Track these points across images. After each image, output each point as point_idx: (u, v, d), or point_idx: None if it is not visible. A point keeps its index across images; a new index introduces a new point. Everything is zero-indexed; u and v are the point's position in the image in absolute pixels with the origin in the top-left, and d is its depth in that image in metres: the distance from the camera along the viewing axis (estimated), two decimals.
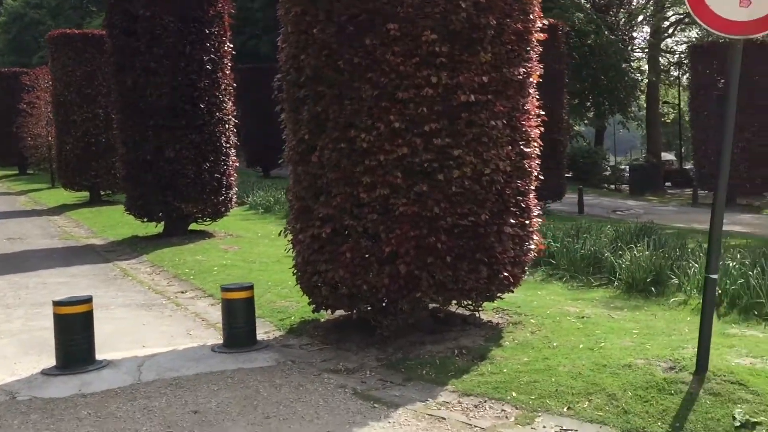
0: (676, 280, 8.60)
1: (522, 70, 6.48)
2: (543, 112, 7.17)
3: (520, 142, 6.53)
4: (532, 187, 6.90)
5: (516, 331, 6.82)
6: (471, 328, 6.96)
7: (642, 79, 41.95)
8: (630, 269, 9.00)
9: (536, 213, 6.97)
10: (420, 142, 6.05)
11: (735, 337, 6.64)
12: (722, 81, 21.13)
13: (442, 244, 6.10)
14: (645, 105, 43.26)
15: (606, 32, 36.44)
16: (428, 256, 6.11)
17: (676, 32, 43.93)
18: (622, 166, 48.20)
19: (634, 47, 44.26)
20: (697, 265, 8.65)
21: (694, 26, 39.94)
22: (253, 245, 12.74)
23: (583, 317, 7.43)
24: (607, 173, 35.22)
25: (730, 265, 8.29)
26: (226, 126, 13.56)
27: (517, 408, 5.16)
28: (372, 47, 6.07)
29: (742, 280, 7.74)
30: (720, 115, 18.57)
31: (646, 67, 42.73)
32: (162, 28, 12.78)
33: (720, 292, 7.81)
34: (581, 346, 6.25)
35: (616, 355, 5.89)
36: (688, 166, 35.14)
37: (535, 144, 6.85)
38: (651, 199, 24.02)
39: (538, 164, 7.05)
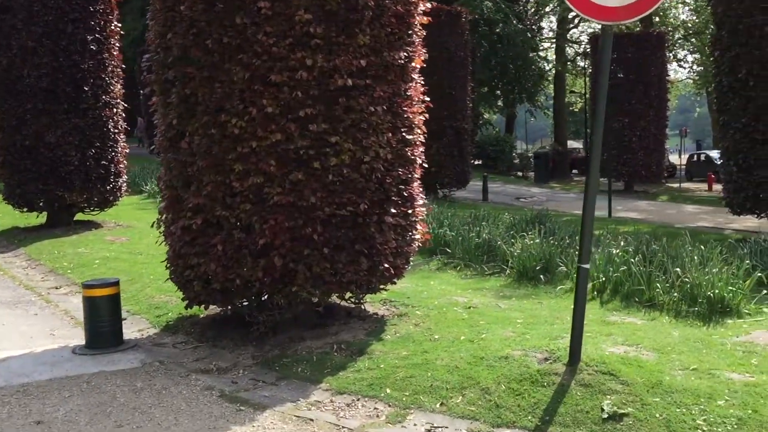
0: (564, 268, 8.65)
1: (403, 54, 6.26)
2: (428, 99, 6.98)
3: (402, 129, 6.32)
4: (416, 176, 6.71)
5: (400, 324, 6.65)
6: (355, 321, 6.75)
7: (549, 69, 42.90)
8: (521, 257, 9.01)
9: (420, 202, 6.79)
10: (295, 128, 5.75)
11: (614, 324, 6.68)
12: (621, 70, 21.76)
13: (319, 236, 5.83)
14: (553, 94, 44.27)
15: (514, 21, 37.02)
16: (305, 247, 5.83)
17: (581, 22, 45.04)
18: (530, 154, 49.38)
19: (543, 37, 45.23)
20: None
21: None
22: (143, 236, 12.10)
23: (470, 307, 7.34)
24: (516, 161, 35.86)
25: (614, 252, 8.38)
26: (114, 110, 12.81)
27: (390, 406, 4.97)
28: (243, 26, 5.71)
29: (625, 267, 7.84)
30: (615, 103, 18.88)
31: (554, 56, 43.76)
32: (41, 4, 11.90)
33: (604, 279, 7.90)
34: (462, 338, 6.13)
35: (495, 346, 5.79)
36: None
37: (419, 131, 6.66)
38: (555, 187, 24.59)
39: (422, 152, 6.87)
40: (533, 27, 41.95)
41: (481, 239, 10.15)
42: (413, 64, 6.45)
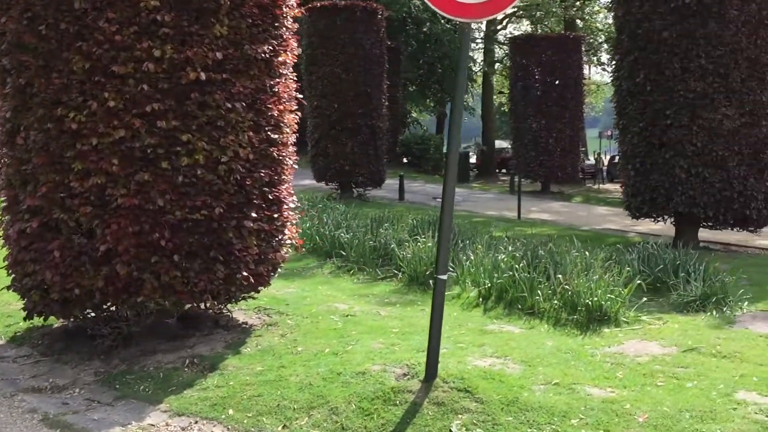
0: (454, 273, 8.41)
1: (268, 47, 5.86)
2: (301, 95, 6.58)
3: (267, 128, 5.92)
4: (285, 177, 6.31)
5: (266, 335, 6.26)
6: (219, 332, 6.32)
7: (478, 70, 43.14)
8: (412, 262, 8.74)
9: (291, 205, 6.40)
10: (141, 124, 5.28)
11: (490, 334, 6.47)
12: (538, 72, 21.91)
13: (168, 242, 5.38)
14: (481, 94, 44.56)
15: (442, 21, 37.07)
16: (152, 254, 5.37)
17: (509, 24, 45.49)
18: None
19: (474, 38, 45.45)
20: (473, 257, 8.51)
21: (525, 19, 41.64)
22: None
23: (348, 315, 7.02)
24: (443, 161, 35.88)
25: (500, 257, 8.19)
26: None
27: (229, 429, 4.57)
28: (82, 12, 5.20)
29: (510, 273, 7.65)
30: (533, 105, 18.97)
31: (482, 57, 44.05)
32: None
33: (489, 285, 7.70)
34: (327, 350, 5.79)
35: (357, 360, 5.47)
36: None
37: (288, 130, 6.26)
38: (474, 187, 24.63)
39: (294, 151, 6.48)
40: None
41: (377, 242, 9.85)
42: (280, 58, 6.05)
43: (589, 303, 6.84)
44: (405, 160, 32.70)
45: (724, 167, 10.47)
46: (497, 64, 42.79)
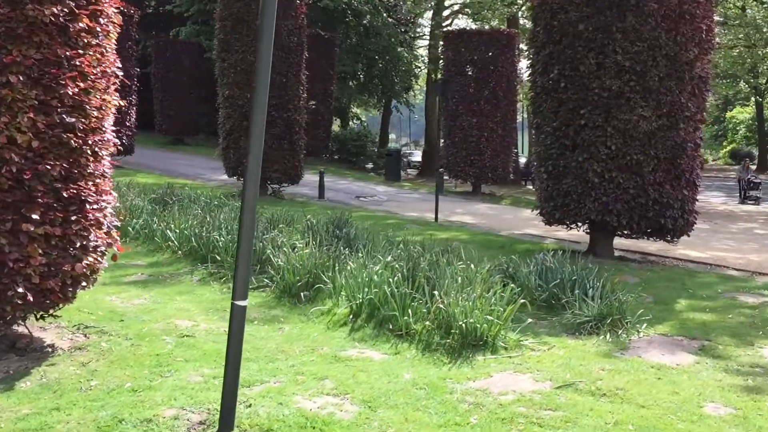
0: (331, 285, 7.40)
1: (61, 9, 4.74)
2: (121, 74, 5.47)
3: (60, 108, 4.80)
4: (93, 171, 5.20)
5: (63, 362, 5.15)
6: (9, 357, 5.19)
7: (422, 68, 42.31)
8: (286, 270, 7.71)
9: (100, 206, 5.29)
10: None
11: (344, 361, 5.49)
12: (470, 68, 21.10)
13: None
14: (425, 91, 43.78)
15: (384, 14, 36.14)
16: None
17: (454, 20, 44.80)
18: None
19: (420, 34, 44.56)
20: (352, 266, 7.52)
21: (469, 17, 40.95)
22: None
23: (185, 336, 5.97)
24: (381, 158, 34.95)
25: (375, 269, 7.20)
26: None
27: None
28: None
29: (387, 287, 6.68)
30: (464, 103, 18.07)
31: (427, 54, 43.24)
32: None
33: (360, 302, 6.72)
34: (129, 384, 4.73)
35: (157, 400, 4.42)
36: None
37: (98, 114, 5.15)
38: (405, 186, 23.72)
39: (109, 140, 5.37)
40: (409, 22, 41.22)
41: (256, 247, 8.78)
42: (82, 24, 4.93)
43: (464, 325, 5.92)
44: (337, 157, 31.69)
45: (639, 173, 9.69)
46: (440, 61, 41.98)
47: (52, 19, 4.67)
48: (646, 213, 9.85)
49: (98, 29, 5.09)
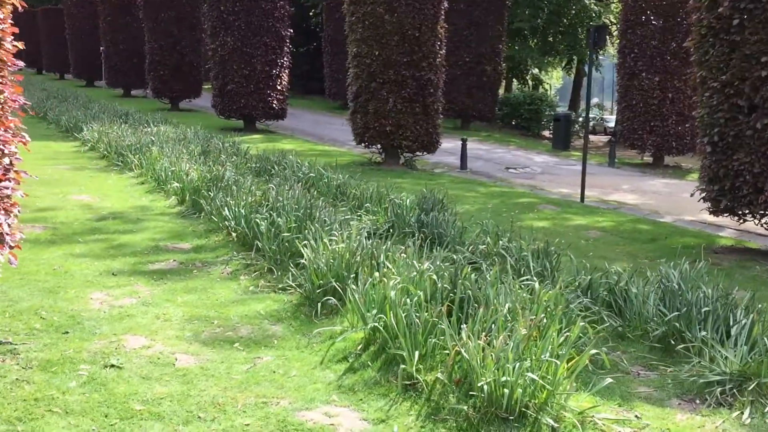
0: (350, 298, 5.50)
1: None
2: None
3: None
4: None
5: None
6: None
7: (615, 22, 37.82)
8: (312, 271, 5.97)
9: None
10: None
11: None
12: (652, 15, 17.63)
13: None
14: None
15: None
16: None
17: None
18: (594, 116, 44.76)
19: None
20: (392, 267, 5.56)
21: None
22: None
23: (112, 366, 4.49)
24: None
25: (392, 284, 5.14)
26: None
27: None
28: None
29: (431, 317, 4.67)
30: (644, 58, 14.89)
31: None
32: None
33: (373, 326, 4.79)
34: None
35: None
36: None
37: None
38: (572, 155, 20.74)
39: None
40: None
41: (302, 234, 7.12)
42: None
43: (488, 385, 3.81)
44: (512, 123, 29.05)
45: None
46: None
47: None
48: None
49: None
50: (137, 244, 7.78)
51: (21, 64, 4.91)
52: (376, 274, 5.39)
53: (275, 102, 21.03)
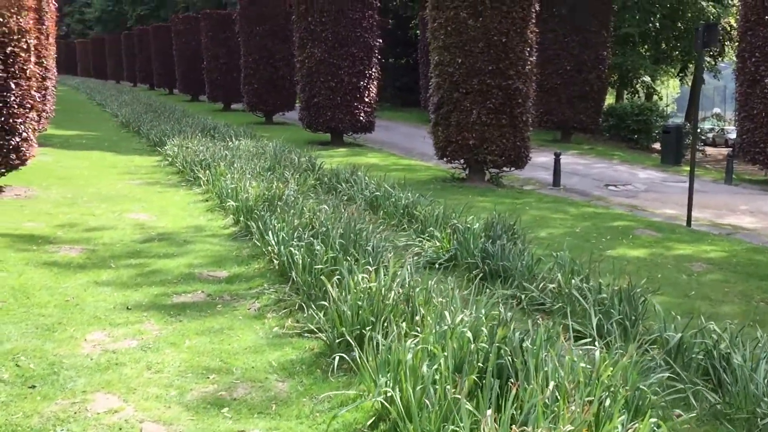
0: (384, 343, 4.50)
1: None
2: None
3: None
4: None
5: None
6: None
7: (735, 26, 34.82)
8: (336, 313, 5.03)
9: None
10: None
11: None
12: None
13: None
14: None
15: None
16: None
17: None
18: (708, 128, 41.66)
19: None
20: (427, 314, 4.53)
21: None
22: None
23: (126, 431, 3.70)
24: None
25: (411, 345, 4.06)
26: (9, 50, 10.23)
27: None
28: None
29: (433, 385, 3.63)
30: (760, 61, 13.13)
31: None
32: None
33: (387, 396, 3.78)
34: None
35: None
36: None
37: None
38: (683, 171, 18.73)
39: None
40: None
41: (325, 264, 6.21)
42: None
43: None
44: (615, 135, 27.03)
45: None
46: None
47: None
48: None
49: None
50: (170, 271, 7.12)
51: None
52: (404, 324, 4.37)
53: (362, 115, 20.35)
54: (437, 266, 7.22)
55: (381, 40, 21.11)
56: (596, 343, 4.34)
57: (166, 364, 4.73)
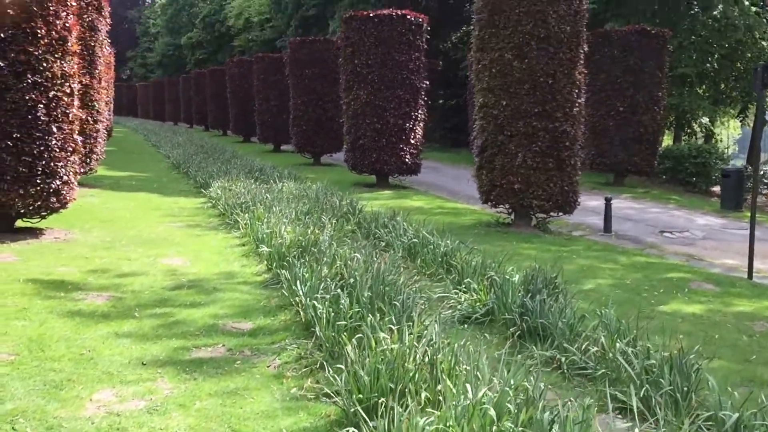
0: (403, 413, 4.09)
1: None
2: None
3: None
4: None
5: None
6: None
7: None
8: (357, 378, 4.65)
9: None
10: None
11: None
12: None
13: None
14: None
15: (746, 1, 29.21)
16: None
17: None
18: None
19: None
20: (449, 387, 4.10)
21: None
22: (43, 255, 9.46)
23: None
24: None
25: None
26: (51, 94, 10.34)
27: None
28: None
29: None
30: None
31: None
32: None
33: None
34: None
35: None
36: None
37: None
38: (743, 217, 17.82)
39: None
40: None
41: (350, 320, 5.84)
42: None
43: None
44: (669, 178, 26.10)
45: None
46: None
47: None
48: None
49: None
50: (194, 321, 6.86)
51: None
52: (424, 395, 3.96)
53: (408, 156, 20.13)
54: (472, 321, 6.79)
55: (428, 82, 20.97)
56: (638, 419, 3.84)
57: (171, 430, 4.41)
